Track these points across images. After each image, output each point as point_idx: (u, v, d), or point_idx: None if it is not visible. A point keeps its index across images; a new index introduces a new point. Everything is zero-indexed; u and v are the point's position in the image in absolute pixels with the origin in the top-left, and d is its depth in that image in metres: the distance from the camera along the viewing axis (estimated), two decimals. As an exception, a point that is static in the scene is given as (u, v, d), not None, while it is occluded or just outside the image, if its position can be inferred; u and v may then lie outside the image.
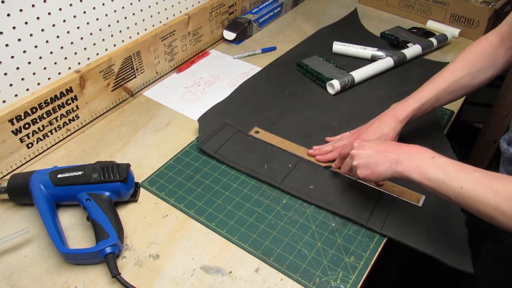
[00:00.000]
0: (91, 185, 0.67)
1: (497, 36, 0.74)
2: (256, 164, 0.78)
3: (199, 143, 0.82)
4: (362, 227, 0.68)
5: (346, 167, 0.69)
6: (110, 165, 0.69)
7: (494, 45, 0.74)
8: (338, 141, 0.78)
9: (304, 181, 0.75)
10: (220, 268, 0.63)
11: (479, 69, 0.73)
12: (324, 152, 0.78)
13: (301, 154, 0.80)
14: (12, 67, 0.73)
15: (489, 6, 1.10)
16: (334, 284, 0.61)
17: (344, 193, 0.73)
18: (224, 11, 1.12)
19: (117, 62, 0.89)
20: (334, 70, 0.99)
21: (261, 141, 0.83)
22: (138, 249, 0.66)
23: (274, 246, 0.66)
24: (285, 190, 0.74)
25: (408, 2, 1.22)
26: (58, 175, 0.68)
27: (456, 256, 0.62)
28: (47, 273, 0.63)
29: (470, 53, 0.75)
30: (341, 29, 1.19)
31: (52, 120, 0.81)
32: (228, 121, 0.87)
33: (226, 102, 0.93)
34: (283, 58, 1.08)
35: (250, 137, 0.84)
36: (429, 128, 0.85)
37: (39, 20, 0.74)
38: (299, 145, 0.82)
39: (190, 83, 1.01)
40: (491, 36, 0.75)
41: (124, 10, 0.89)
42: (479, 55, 0.74)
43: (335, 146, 0.78)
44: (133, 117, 0.91)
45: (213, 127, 0.85)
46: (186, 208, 0.72)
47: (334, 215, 0.70)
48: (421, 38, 1.10)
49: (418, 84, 0.77)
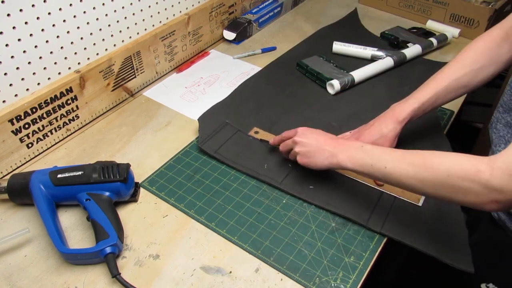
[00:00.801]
0: (91, 185, 0.67)
1: (501, 31, 0.72)
2: (256, 164, 0.78)
3: (199, 142, 0.82)
4: (362, 227, 0.68)
5: (285, 148, 0.74)
6: (110, 165, 0.69)
7: (497, 41, 0.72)
8: None
9: (304, 181, 0.75)
10: (220, 268, 0.63)
11: (480, 67, 0.72)
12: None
13: None
14: (12, 67, 0.73)
15: (489, 6, 1.10)
16: (334, 284, 0.61)
17: (344, 193, 0.73)
18: (224, 11, 1.12)
19: (117, 62, 0.89)
20: (334, 70, 0.99)
21: (261, 141, 0.83)
22: (138, 249, 0.66)
23: (274, 246, 0.66)
24: (285, 190, 0.74)
25: (408, 2, 1.22)
26: (58, 175, 0.68)
27: (456, 256, 0.62)
28: (47, 273, 0.63)
29: (471, 50, 0.74)
30: (341, 29, 1.19)
31: (52, 120, 0.81)
32: (228, 120, 0.87)
33: (226, 102, 0.93)
34: (283, 58, 1.08)
35: (250, 137, 0.84)
36: (429, 128, 0.85)
37: (39, 20, 0.74)
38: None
39: (190, 83, 1.01)
40: (494, 32, 0.73)
41: (124, 10, 0.89)
42: (480, 53, 0.72)
43: None
44: (133, 117, 0.91)
45: (213, 127, 0.85)
46: (186, 208, 0.72)
47: (334, 215, 0.70)
48: (421, 38, 1.10)
49: (418, 84, 0.77)
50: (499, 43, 0.72)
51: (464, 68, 0.72)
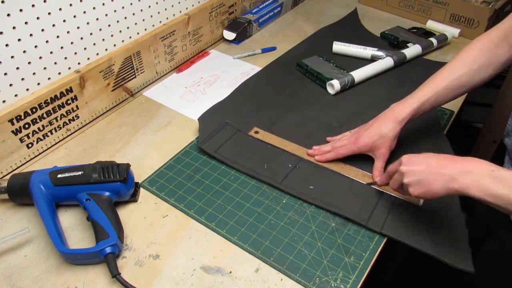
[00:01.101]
0: (91, 185, 0.67)
1: (500, 32, 0.72)
2: (256, 164, 0.78)
3: (199, 142, 0.82)
4: (362, 227, 0.68)
5: (395, 184, 0.64)
6: (110, 165, 0.69)
7: (495, 42, 0.72)
8: (338, 141, 0.78)
9: (304, 181, 0.75)
10: (220, 268, 0.63)
11: (479, 66, 0.72)
12: (323, 152, 0.78)
13: (301, 154, 0.80)
14: (12, 67, 0.73)
15: (489, 6, 1.10)
16: (334, 284, 0.61)
17: (344, 193, 0.73)
18: (224, 11, 1.12)
19: (117, 62, 0.89)
20: (334, 70, 0.99)
21: (261, 141, 0.83)
22: (138, 249, 0.66)
23: (274, 246, 0.66)
24: (284, 190, 0.74)
25: (408, 2, 1.22)
26: (58, 175, 0.68)
27: (456, 256, 0.62)
28: (47, 273, 0.63)
29: (470, 50, 0.74)
30: (341, 29, 1.19)
31: (52, 120, 0.81)
32: (228, 120, 0.87)
33: (226, 101, 0.93)
34: (283, 58, 1.08)
35: (250, 137, 0.84)
36: (429, 128, 0.85)
37: (39, 20, 0.74)
38: (299, 145, 0.82)
39: (190, 83, 1.01)
40: (493, 32, 0.73)
41: (124, 10, 0.89)
42: (479, 53, 0.73)
43: (335, 146, 0.77)
44: (133, 117, 0.91)
45: (213, 126, 0.85)
46: (186, 208, 0.72)
47: (334, 215, 0.70)
48: (421, 38, 1.10)
49: (418, 84, 0.77)
50: (498, 44, 0.72)
51: (463, 67, 0.73)
